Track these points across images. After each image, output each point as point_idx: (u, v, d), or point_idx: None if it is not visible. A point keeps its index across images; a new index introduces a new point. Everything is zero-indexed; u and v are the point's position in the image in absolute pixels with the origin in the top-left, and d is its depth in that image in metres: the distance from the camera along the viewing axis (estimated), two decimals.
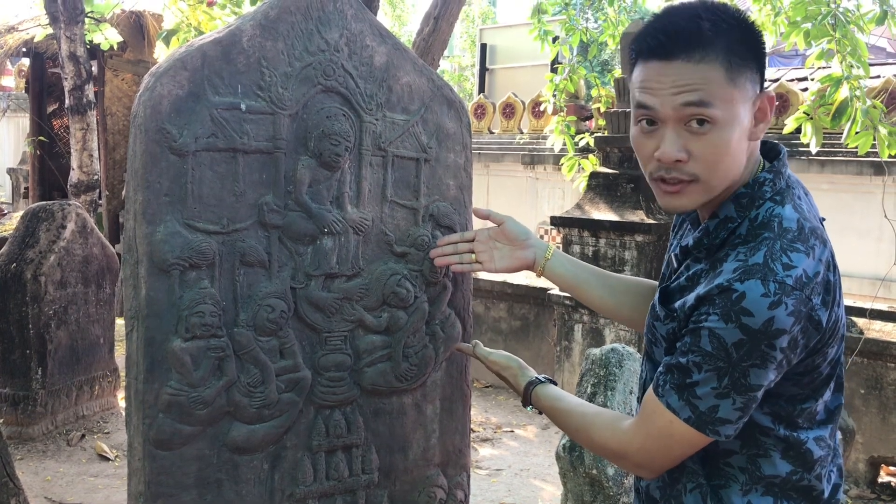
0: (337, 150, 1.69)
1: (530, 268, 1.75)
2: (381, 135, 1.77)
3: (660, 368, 1.25)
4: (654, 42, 1.21)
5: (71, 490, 3.97)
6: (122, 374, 4.85)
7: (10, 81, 14.65)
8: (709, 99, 1.18)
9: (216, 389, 1.61)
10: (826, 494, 1.27)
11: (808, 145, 4.26)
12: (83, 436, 4.55)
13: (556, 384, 1.58)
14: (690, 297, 1.21)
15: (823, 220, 1.27)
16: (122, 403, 4.90)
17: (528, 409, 1.58)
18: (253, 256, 1.65)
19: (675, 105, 1.20)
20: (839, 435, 1.35)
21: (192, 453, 1.62)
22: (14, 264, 4.36)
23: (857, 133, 3.96)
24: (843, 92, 3.92)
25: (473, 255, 1.78)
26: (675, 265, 1.35)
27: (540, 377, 1.59)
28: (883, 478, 4.37)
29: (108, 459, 4.36)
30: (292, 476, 1.74)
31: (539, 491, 4.16)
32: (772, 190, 1.22)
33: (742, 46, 1.20)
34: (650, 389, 1.26)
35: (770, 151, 1.31)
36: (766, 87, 1.27)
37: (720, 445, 1.25)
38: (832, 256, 1.20)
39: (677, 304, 1.25)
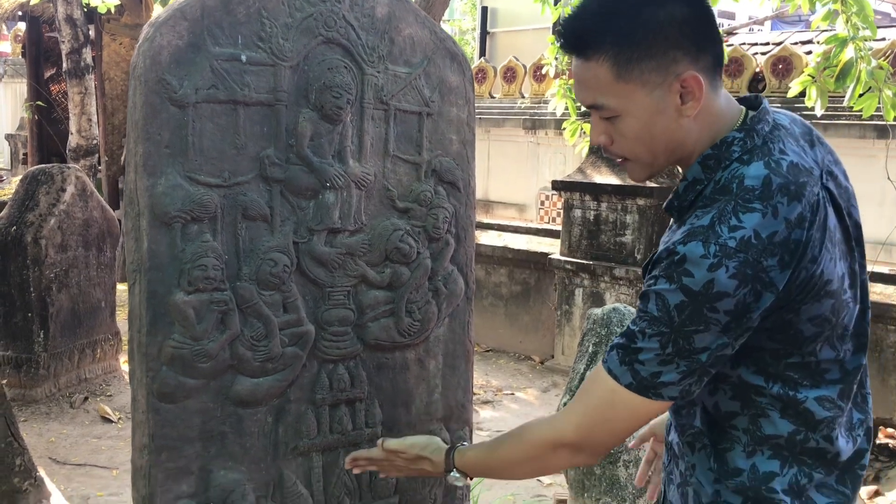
0: (338, 102, 1.67)
1: None
2: (383, 88, 1.76)
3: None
4: (558, 37, 1.25)
5: (75, 451, 4.00)
6: (124, 337, 4.88)
7: (6, 47, 14.52)
8: (601, 100, 1.22)
9: (219, 343, 1.62)
10: (843, 457, 1.23)
11: (812, 109, 4.22)
12: (86, 398, 4.58)
13: None
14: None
15: (837, 163, 1.23)
16: (124, 367, 4.92)
17: (453, 474, 1.47)
18: (255, 210, 1.64)
19: (581, 99, 1.26)
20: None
21: (195, 406, 1.63)
22: (14, 227, 4.35)
23: (860, 95, 3.92)
24: (849, 52, 3.88)
25: None
26: None
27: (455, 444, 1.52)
28: (881, 439, 4.41)
29: (111, 421, 4.39)
30: (296, 429, 1.75)
31: None
32: (741, 149, 1.19)
33: (637, 39, 1.17)
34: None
35: (752, 106, 1.27)
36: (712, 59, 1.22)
37: (722, 409, 1.23)
38: (814, 211, 1.13)
39: None
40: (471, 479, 1.48)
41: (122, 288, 5.86)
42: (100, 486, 3.64)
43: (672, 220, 1.30)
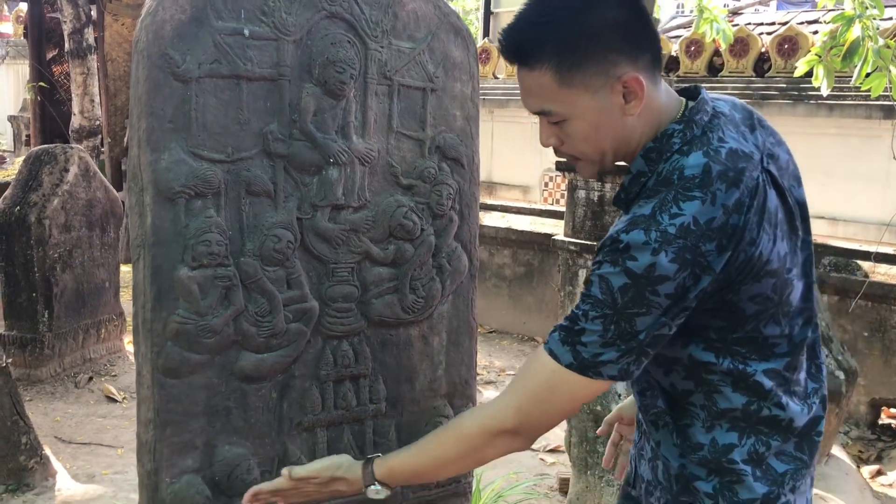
0: (342, 77, 1.66)
1: None
2: (387, 63, 1.74)
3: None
4: (500, 47, 1.27)
5: (80, 430, 4.03)
6: (129, 318, 4.89)
7: (8, 28, 14.47)
8: (547, 106, 1.26)
9: (224, 318, 1.62)
10: (798, 423, 1.27)
11: (817, 89, 4.19)
12: (91, 378, 4.60)
13: None
14: None
15: (780, 144, 1.27)
16: (128, 347, 4.94)
17: (373, 487, 1.43)
18: (258, 186, 1.64)
19: (527, 106, 1.29)
20: (842, 373, 1.33)
21: (200, 381, 1.63)
22: (18, 207, 4.35)
23: (867, 75, 3.89)
24: (856, 31, 3.84)
25: None
26: None
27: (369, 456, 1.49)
28: (883, 420, 4.42)
29: (115, 401, 4.42)
30: (300, 405, 1.75)
31: None
32: (681, 140, 1.22)
33: (576, 45, 1.20)
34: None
35: (692, 96, 1.30)
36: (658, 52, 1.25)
37: (678, 388, 1.28)
38: (752, 195, 1.16)
39: None
40: (392, 490, 1.44)
41: (125, 269, 5.88)
42: (105, 465, 3.66)
43: (622, 212, 1.33)
